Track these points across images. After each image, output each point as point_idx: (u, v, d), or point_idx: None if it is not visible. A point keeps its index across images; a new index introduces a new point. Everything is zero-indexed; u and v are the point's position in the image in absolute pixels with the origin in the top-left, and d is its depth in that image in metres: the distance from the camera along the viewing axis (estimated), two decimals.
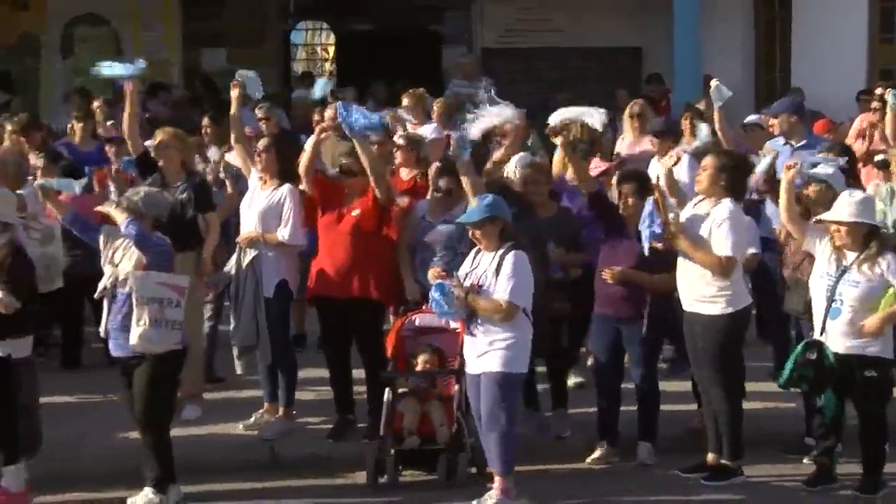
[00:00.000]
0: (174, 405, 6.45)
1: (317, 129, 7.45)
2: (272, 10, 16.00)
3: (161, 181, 7.36)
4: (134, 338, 6.07)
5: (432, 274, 6.36)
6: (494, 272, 6.10)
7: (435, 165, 7.47)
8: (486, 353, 6.14)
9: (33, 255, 6.76)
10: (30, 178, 7.75)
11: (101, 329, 6.35)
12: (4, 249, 6.15)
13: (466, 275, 6.22)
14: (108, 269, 6.28)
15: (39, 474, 6.45)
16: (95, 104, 9.89)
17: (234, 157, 8.21)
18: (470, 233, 6.25)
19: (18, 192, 7.19)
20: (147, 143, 7.70)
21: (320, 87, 8.30)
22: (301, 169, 7.16)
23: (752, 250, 6.67)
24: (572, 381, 7.63)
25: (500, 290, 6.07)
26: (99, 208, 6.44)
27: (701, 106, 9.68)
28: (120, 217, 6.10)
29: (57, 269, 7.31)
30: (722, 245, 6.35)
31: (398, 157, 7.93)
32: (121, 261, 6.23)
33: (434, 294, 6.18)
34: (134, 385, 6.23)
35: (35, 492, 6.37)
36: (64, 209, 6.55)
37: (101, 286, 6.28)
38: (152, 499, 6.21)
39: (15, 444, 6.25)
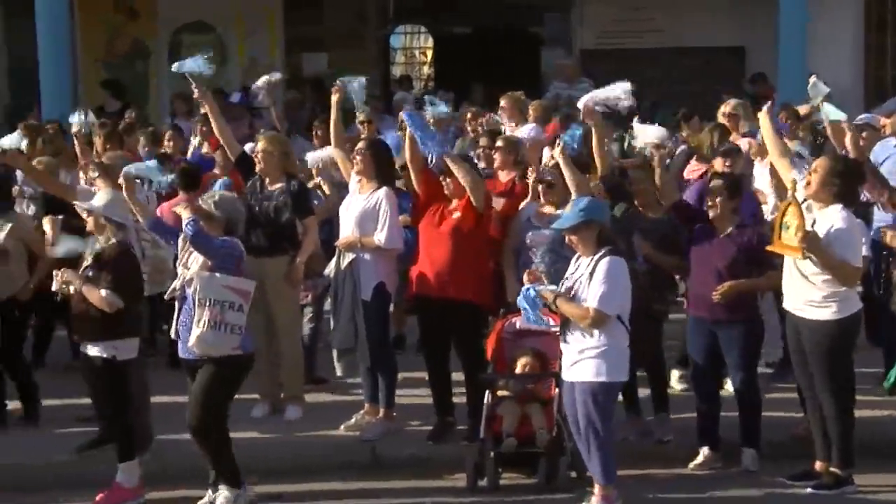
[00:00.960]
0: (226, 411, 6.32)
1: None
2: (372, 13, 16.15)
3: (259, 184, 7.48)
4: (192, 339, 6.08)
5: (526, 278, 6.34)
6: (588, 278, 6.02)
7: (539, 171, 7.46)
8: (577, 362, 6.07)
9: (147, 257, 6.95)
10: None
11: (172, 331, 6.39)
12: (114, 249, 6.31)
13: (566, 279, 6.18)
14: (180, 271, 6.32)
15: (152, 470, 6.60)
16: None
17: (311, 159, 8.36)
18: (566, 238, 6.20)
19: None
20: (248, 146, 7.83)
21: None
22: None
23: (864, 254, 6.51)
24: (681, 385, 7.53)
25: (590, 296, 5.98)
26: (174, 209, 6.52)
27: (804, 108, 9.44)
28: (185, 216, 6.15)
29: (167, 271, 7.46)
30: (847, 255, 6.18)
31: (497, 159, 7.94)
32: (192, 263, 6.25)
33: (519, 299, 6.16)
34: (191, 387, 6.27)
35: (148, 488, 6.51)
36: (145, 212, 6.63)
37: (171, 287, 6.34)
38: (228, 496, 6.24)
39: (129, 442, 6.40)
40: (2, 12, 13.59)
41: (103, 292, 6.18)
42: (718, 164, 7.85)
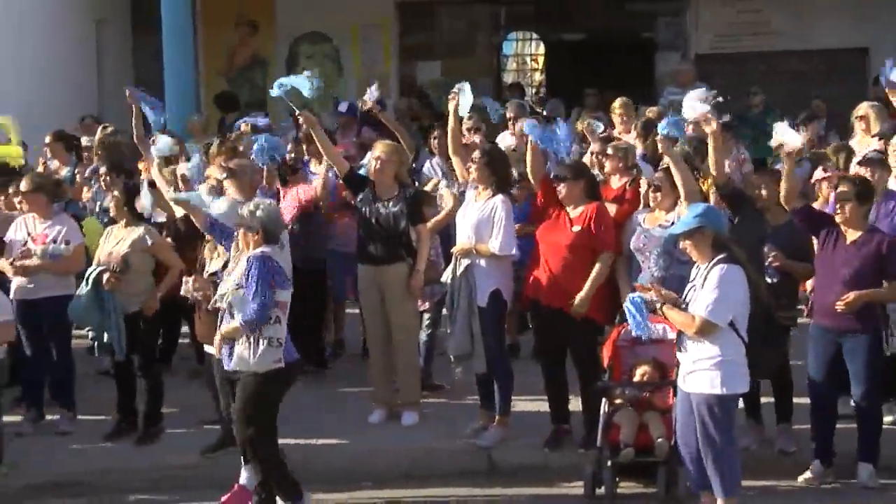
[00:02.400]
0: (273, 424, 6.25)
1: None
2: (484, 21, 16.21)
3: (372, 195, 7.57)
4: (234, 359, 6.07)
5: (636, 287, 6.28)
6: (701, 285, 5.92)
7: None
8: (692, 373, 5.98)
9: None
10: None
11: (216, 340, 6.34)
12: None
13: (689, 287, 6.09)
14: (225, 277, 6.32)
15: None
16: None
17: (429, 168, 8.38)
18: (680, 243, 6.12)
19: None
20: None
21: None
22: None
23: None
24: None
25: (699, 304, 5.88)
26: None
27: None
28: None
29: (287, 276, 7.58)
30: None
31: (608, 165, 7.91)
32: (234, 272, 6.21)
33: (626, 305, 6.10)
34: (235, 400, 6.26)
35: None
36: (201, 217, 6.68)
37: (215, 297, 6.31)
38: None
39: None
40: (129, 28, 14.07)
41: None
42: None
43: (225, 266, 6.48)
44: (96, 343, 7.51)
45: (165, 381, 7.70)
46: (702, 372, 5.92)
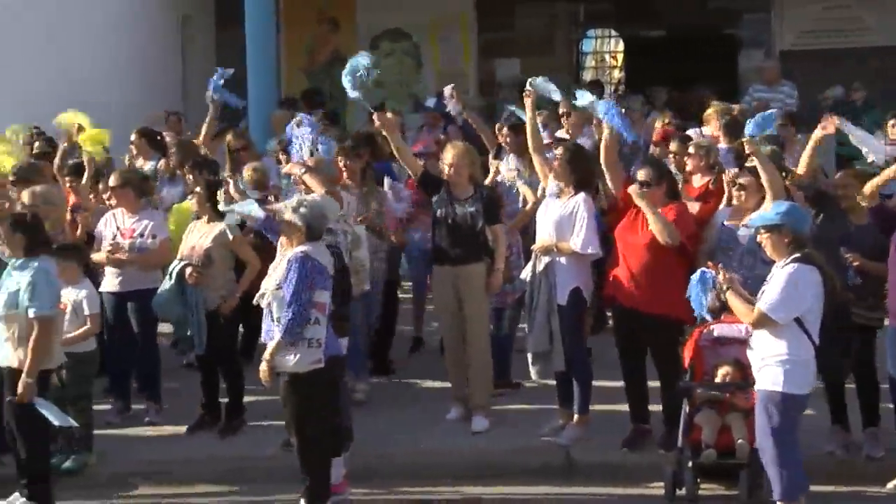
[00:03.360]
0: (323, 423, 6.23)
1: None
2: (563, 18, 16.12)
3: (448, 195, 7.57)
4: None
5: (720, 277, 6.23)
6: (770, 281, 5.88)
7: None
8: (760, 370, 5.92)
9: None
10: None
11: (262, 338, 6.37)
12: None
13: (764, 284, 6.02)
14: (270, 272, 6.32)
15: (355, 469, 6.76)
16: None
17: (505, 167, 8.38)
18: (758, 236, 6.04)
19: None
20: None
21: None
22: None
23: None
24: None
25: (764, 299, 5.84)
26: (269, 207, 6.61)
27: None
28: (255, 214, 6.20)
29: (365, 273, 7.66)
30: None
31: (690, 163, 7.83)
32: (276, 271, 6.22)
33: (693, 277, 6.06)
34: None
35: (350, 485, 6.66)
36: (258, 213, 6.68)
37: (258, 295, 6.32)
38: None
39: (338, 438, 6.55)
40: (213, 24, 14.28)
41: None
42: None
43: None
44: (178, 337, 7.66)
45: (246, 374, 7.79)
46: (767, 369, 5.87)
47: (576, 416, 7.31)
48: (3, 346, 6.53)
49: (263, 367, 6.14)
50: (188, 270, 7.43)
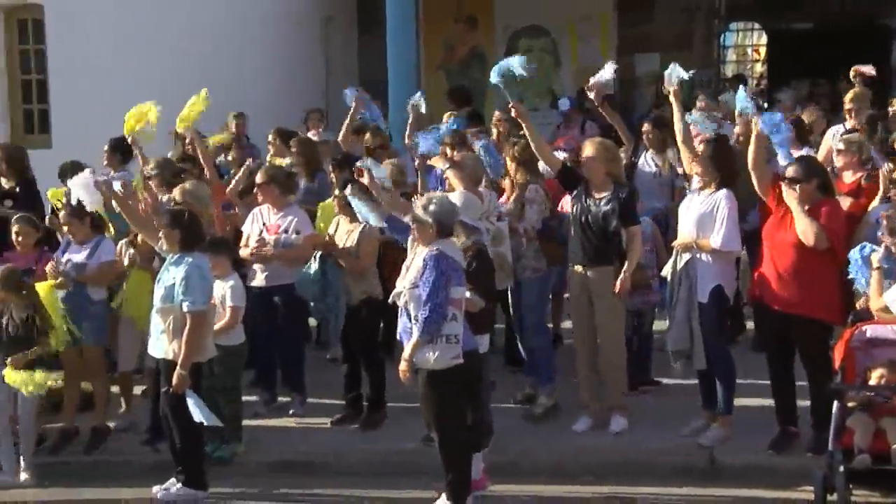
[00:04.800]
0: (462, 419, 6.28)
1: None
2: (704, 11, 15.82)
3: (585, 191, 7.46)
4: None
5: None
6: None
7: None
8: None
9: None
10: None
11: (398, 337, 6.41)
12: (470, 251, 6.52)
13: None
14: (404, 271, 6.35)
15: (496, 465, 6.78)
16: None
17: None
18: None
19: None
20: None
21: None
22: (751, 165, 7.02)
23: None
24: None
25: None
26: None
27: None
28: (373, 219, 6.29)
29: (508, 268, 7.65)
30: None
31: (840, 160, 7.58)
32: (412, 267, 6.23)
33: (854, 255, 5.88)
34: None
35: (490, 481, 6.68)
36: (389, 207, 6.75)
37: (393, 293, 6.35)
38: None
39: (478, 433, 6.59)
40: (355, 25, 14.50)
41: (467, 294, 6.34)
42: None
43: None
44: (318, 329, 7.81)
45: (388, 369, 7.89)
46: None
47: (719, 417, 7.17)
48: (159, 339, 6.79)
49: (403, 365, 6.20)
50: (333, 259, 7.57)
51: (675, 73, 7.71)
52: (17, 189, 8.91)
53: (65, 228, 7.87)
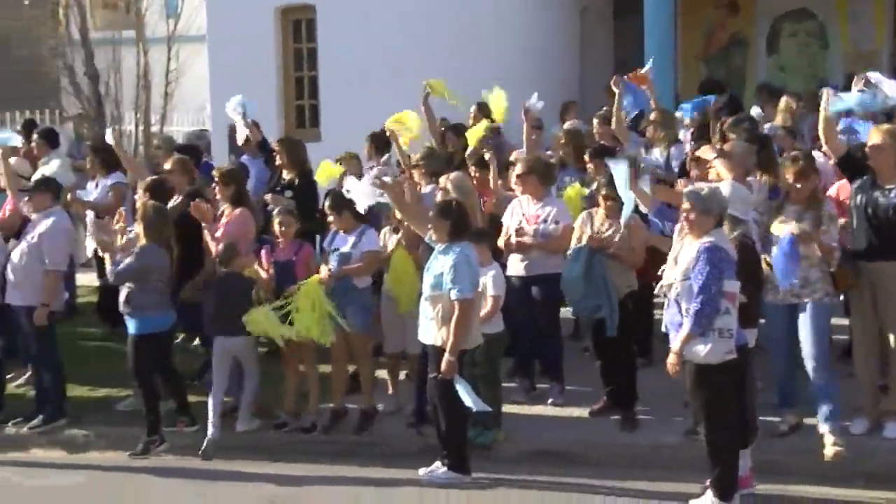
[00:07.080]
0: (733, 416, 6.17)
1: None
2: None
3: (871, 181, 7.07)
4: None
5: None
6: None
7: None
8: None
9: None
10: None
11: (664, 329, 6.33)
12: (735, 243, 6.31)
13: None
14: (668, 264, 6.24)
15: (765, 461, 6.62)
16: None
17: None
18: None
19: None
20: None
21: None
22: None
23: None
24: None
25: None
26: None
27: None
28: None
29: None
30: None
31: None
32: (680, 259, 6.11)
33: None
34: None
35: (756, 478, 6.52)
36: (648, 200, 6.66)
37: (659, 285, 6.26)
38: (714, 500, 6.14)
39: (745, 430, 6.40)
40: (611, 15, 14.37)
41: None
42: None
43: None
44: (576, 322, 7.79)
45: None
46: None
47: None
48: (428, 325, 7.01)
49: (672, 358, 6.13)
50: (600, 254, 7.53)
51: None
52: (296, 181, 9.38)
53: (330, 220, 8.18)
